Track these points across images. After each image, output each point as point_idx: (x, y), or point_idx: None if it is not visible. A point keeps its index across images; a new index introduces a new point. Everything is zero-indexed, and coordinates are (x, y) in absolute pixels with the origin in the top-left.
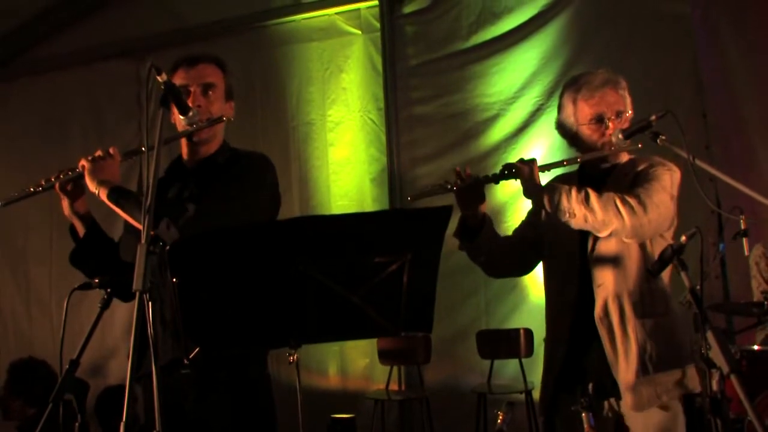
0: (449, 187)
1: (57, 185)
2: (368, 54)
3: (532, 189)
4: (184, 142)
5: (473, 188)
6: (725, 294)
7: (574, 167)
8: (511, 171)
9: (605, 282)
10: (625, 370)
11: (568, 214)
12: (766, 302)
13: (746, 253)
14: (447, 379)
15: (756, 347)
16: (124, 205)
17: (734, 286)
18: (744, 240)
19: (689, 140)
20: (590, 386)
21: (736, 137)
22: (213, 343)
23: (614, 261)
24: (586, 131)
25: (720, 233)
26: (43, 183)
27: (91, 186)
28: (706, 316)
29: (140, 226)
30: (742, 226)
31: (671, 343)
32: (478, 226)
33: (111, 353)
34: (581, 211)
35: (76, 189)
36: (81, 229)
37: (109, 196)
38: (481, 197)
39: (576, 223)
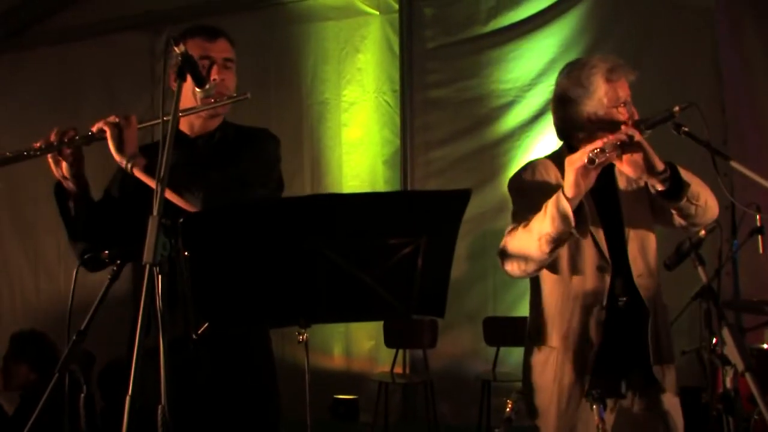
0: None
1: (68, 149)
2: (385, 35)
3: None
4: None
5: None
6: (735, 291)
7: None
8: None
9: (643, 272)
10: (658, 358)
11: (694, 197)
12: None
13: (761, 250)
14: (452, 364)
15: (765, 345)
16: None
17: (744, 284)
18: (759, 237)
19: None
20: (623, 384)
21: (753, 133)
22: (222, 320)
23: (646, 252)
24: (616, 114)
25: (733, 230)
26: (40, 145)
27: (119, 158)
28: (723, 312)
29: (184, 204)
30: (758, 223)
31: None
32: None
33: (117, 325)
34: (704, 192)
35: (76, 153)
36: (73, 189)
37: (146, 172)
38: None
39: (696, 210)
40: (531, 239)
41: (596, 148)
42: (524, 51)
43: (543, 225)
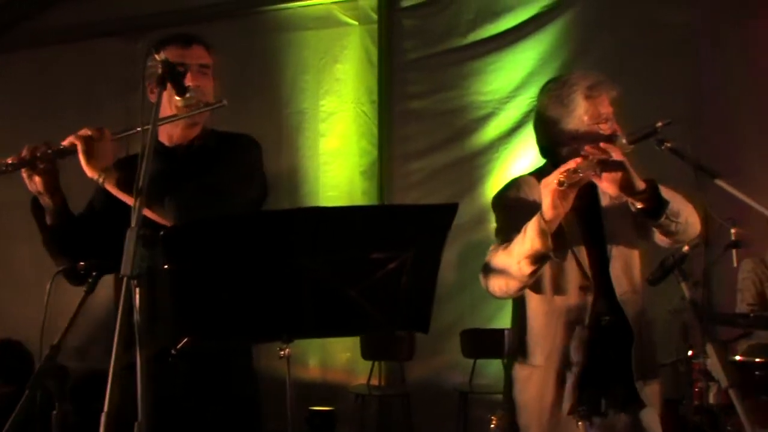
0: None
1: (41, 163)
2: (364, 46)
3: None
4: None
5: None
6: (709, 304)
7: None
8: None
9: (626, 290)
10: (641, 374)
11: (674, 215)
12: (751, 313)
13: (735, 264)
14: (429, 376)
15: (738, 358)
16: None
17: (717, 297)
18: (734, 251)
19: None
20: (603, 402)
21: (731, 150)
22: (203, 334)
23: (630, 269)
24: (598, 130)
25: (706, 244)
26: (12, 161)
27: (91, 172)
28: (708, 328)
29: (157, 218)
30: (733, 238)
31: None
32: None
33: (91, 338)
34: (686, 210)
35: (50, 167)
36: (50, 203)
37: (118, 186)
38: None
39: (676, 228)
40: (511, 261)
41: (568, 169)
42: (504, 63)
43: (522, 247)
